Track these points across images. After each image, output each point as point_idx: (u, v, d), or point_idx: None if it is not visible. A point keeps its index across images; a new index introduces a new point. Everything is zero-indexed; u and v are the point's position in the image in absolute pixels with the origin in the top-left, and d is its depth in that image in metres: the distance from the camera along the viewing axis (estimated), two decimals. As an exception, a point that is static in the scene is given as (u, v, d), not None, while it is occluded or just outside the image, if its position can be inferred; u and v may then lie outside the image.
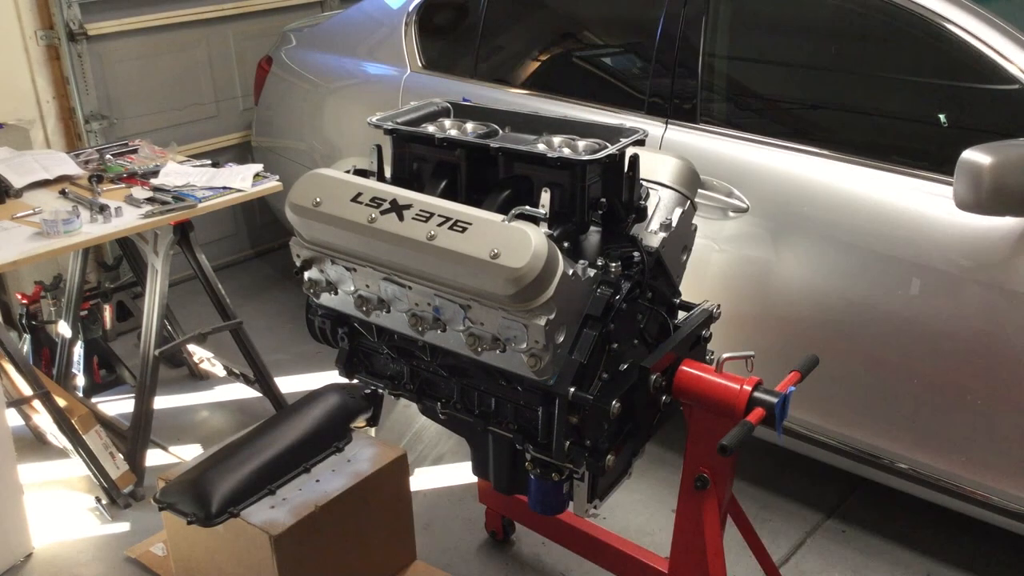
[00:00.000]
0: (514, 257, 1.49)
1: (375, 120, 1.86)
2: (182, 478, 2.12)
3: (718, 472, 1.83)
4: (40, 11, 3.69)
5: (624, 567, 2.30)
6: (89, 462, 2.83)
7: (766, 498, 2.84)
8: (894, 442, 2.41)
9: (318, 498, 2.24)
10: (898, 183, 2.30)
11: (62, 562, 2.66)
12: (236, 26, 4.37)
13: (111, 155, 3.22)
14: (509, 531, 2.68)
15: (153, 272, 2.88)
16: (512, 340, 1.57)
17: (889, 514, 2.76)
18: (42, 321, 3.38)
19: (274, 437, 2.20)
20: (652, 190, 1.86)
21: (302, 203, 1.73)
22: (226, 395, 3.51)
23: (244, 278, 4.49)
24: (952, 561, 2.59)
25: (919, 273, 2.24)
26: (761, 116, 2.81)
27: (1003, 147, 1.98)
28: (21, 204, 2.84)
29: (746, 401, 1.70)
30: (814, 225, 2.41)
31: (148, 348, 2.88)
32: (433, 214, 1.59)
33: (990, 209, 2.02)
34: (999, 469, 2.25)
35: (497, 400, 1.78)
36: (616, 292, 1.63)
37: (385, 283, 1.69)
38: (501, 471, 1.98)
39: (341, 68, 3.70)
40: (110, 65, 3.96)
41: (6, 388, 2.81)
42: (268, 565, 2.16)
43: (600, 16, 3.20)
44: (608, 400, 1.62)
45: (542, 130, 1.85)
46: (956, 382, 2.25)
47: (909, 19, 2.33)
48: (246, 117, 4.45)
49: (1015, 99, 2.18)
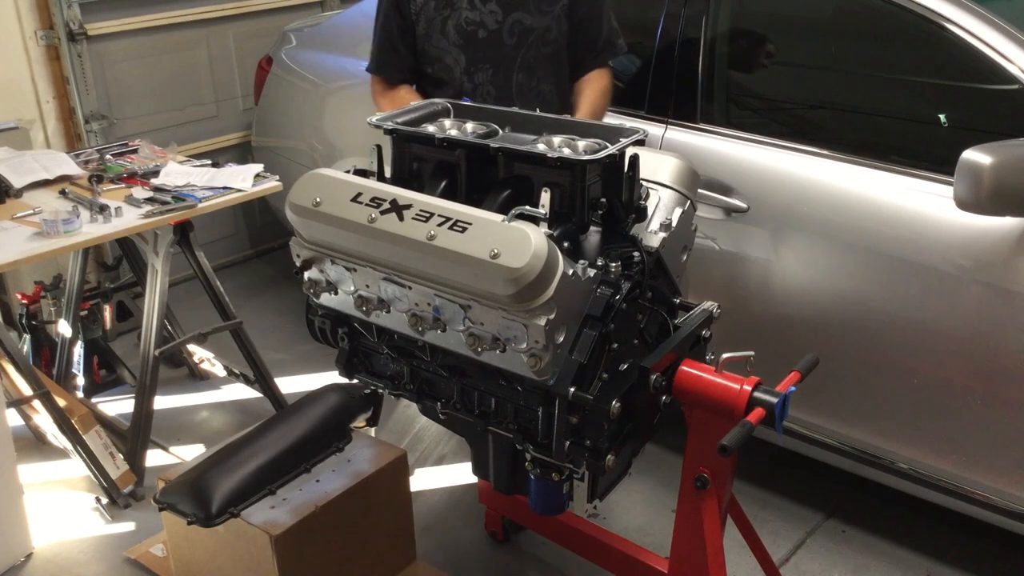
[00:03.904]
0: (514, 257, 1.49)
1: (375, 120, 1.86)
2: (182, 478, 2.12)
3: (718, 472, 1.83)
4: (40, 11, 3.69)
5: (624, 567, 2.30)
6: (89, 462, 2.83)
7: (766, 498, 2.84)
8: (894, 442, 2.41)
9: (318, 498, 2.24)
10: (898, 183, 2.30)
11: (62, 562, 2.66)
12: (236, 26, 4.37)
13: (111, 155, 3.22)
14: (509, 531, 2.68)
15: (153, 272, 2.88)
16: (512, 340, 1.57)
17: (889, 514, 2.75)
18: (42, 321, 3.37)
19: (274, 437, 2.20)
20: (652, 190, 1.85)
21: (302, 203, 1.73)
22: (226, 395, 3.51)
23: (244, 278, 4.49)
24: (952, 561, 2.59)
25: (919, 273, 2.24)
26: (761, 116, 2.81)
27: (1003, 147, 1.98)
28: (21, 204, 2.84)
29: (746, 401, 1.70)
30: (814, 225, 2.41)
31: (148, 348, 2.88)
32: (433, 214, 1.59)
33: (990, 209, 2.02)
34: (999, 469, 2.25)
35: (497, 400, 1.77)
36: (616, 292, 1.63)
37: (385, 283, 1.69)
38: (501, 471, 1.98)
39: (341, 68, 3.70)
40: (110, 65, 3.96)
41: (6, 388, 2.81)
42: (268, 565, 2.16)
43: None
44: (608, 400, 1.62)
45: (542, 130, 1.85)
46: (956, 382, 2.25)
47: (909, 19, 2.33)
48: (246, 117, 4.45)
49: (1015, 99, 2.18)
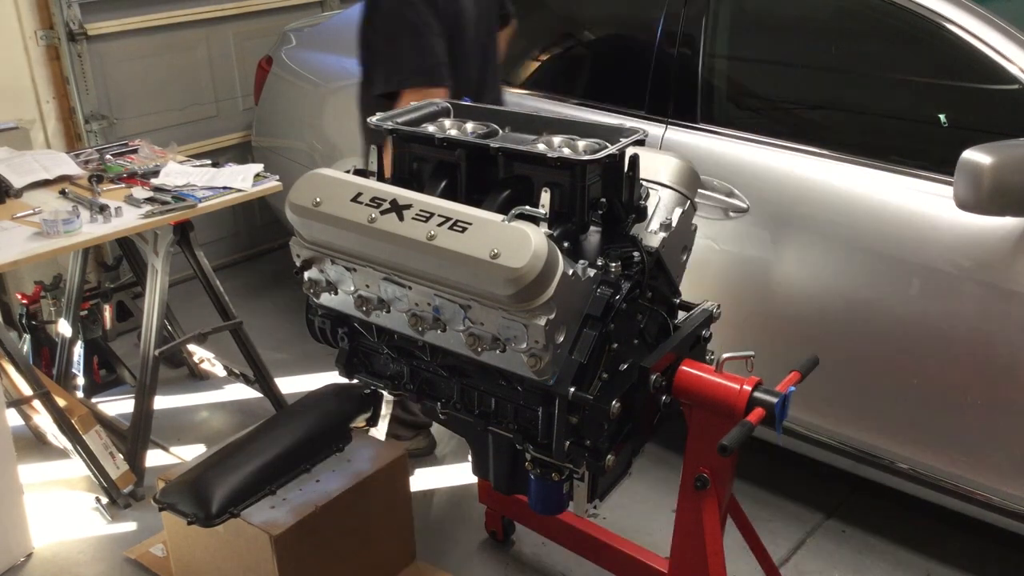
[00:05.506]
0: (514, 257, 1.49)
1: (375, 120, 1.86)
2: (182, 478, 2.12)
3: (718, 472, 1.83)
4: (40, 11, 3.69)
5: (624, 567, 2.30)
6: (89, 462, 2.83)
7: (766, 498, 2.84)
8: (894, 442, 2.41)
9: (318, 498, 2.24)
10: (898, 183, 2.30)
11: (62, 562, 2.66)
12: (236, 26, 4.37)
13: (111, 155, 3.22)
14: (509, 531, 2.68)
15: (153, 272, 2.88)
16: (512, 340, 1.57)
17: (889, 514, 2.75)
18: (42, 321, 3.37)
19: (274, 437, 2.20)
20: (652, 190, 1.85)
21: (302, 203, 1.73)
22: (226, 395, 3.51)
23: (244, 278, 4.49)
24: (952, 561, 2.59)
25: (919, 273, 2.24)
26: (761, 116, 2.81)
27: (1003, 147, 1.98)
28: (21, 204, 2.84)
29: (746, 401, 1.70)
30: (814, 225, 2.41)
31: (148, 348, 2.88)
32: (433, 214, 1.59)
33: (990, 209, 2.02)
34: (999, 469, 2.25)
35: (497, 400, 1.77)
36: (616, 292, 1.63)
37: (385, 283, 1.69)
38: (501, 471, 1.98)
39: (341, 68, 3.70)
40: (110, 65, 3.96)
41: (6, 388, 2.81)
42: (268, 565, 2.16)
43: (601, 16, 3.19)
44: (608, 400, 1.62)
45: (542, 130, 1.85)
46: (956, 382, 2.25)
47: (909, 19, 2.33)
48: (246, 117, 4.45)
49: (1015, 99, 2.18)
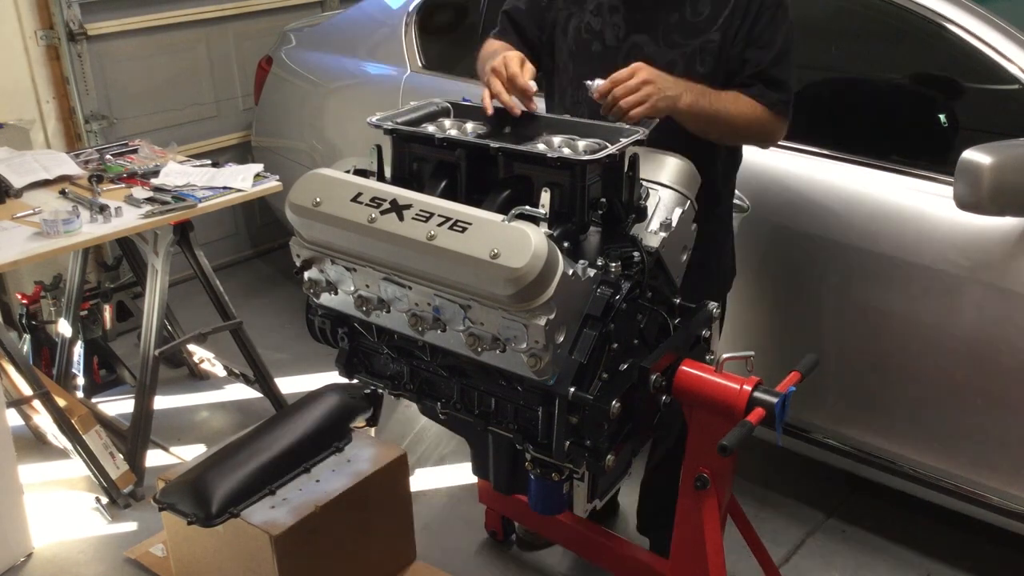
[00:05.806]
0: (514, 257, 1.48)
1: (375, 120, 1.86)
2: (182, 478, 2.12)
3: (718, 472, 1.83)
4: (40, 11, 3.69)
5: (624, 567, 2.30)
6: (89, 462, 2.83)
7: (766, 498, 2.84)
8: (894, 442, 2.41)
9: (318, 498, 2.24)
10: (898, 183, 2.30)
11: (62, 562, 2.66)
12: (236, 26, 4.37)
13: (111, 155, 3.22)
14: (509, 531, 2.68)
15: (153, 272, 2.88)
16: (512, 340, 1.57)
17: (889, 514, 2.75)
18: (42, 321, 3.37)
19: (274, 437, 2.20)
20: (652, 190, 1.85)
21: (302, 203, 1.73)
22: (226, 395, 3.51)
23: (244, 278, 4.49)
24: (952, 561, 2.59)
25: (919, 273, 2.24)
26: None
27: (1003, 147, 1.98)
28: (21, 204, 2.84)
29: (746, 401, 1.70)
30: (814, 225, 2.41)
31: (148, 348, 2.88)
32: (433, 214, 1.59)
33: (990, 209, 2.02)
34: (999, 469, 2.25)
35: (497, 400, 1.77)
36: (616, 292, 1.63)
37: (385, 283, 1.69)
38: (501, 471, 1.98)
39: (341, 68, 3.70)
40: (110, 65, 3.96)
41: (6, 388, 2.81)
42: (268, 565, 2.16)
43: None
44: (608, 400, 1.62)
45: (542, 130, 1.85)
46: (956, 382, 2.25)
47: (909, 19, 2.33)
48: (246, 117, 4.45)
49: (1015, 99, 2.18)
